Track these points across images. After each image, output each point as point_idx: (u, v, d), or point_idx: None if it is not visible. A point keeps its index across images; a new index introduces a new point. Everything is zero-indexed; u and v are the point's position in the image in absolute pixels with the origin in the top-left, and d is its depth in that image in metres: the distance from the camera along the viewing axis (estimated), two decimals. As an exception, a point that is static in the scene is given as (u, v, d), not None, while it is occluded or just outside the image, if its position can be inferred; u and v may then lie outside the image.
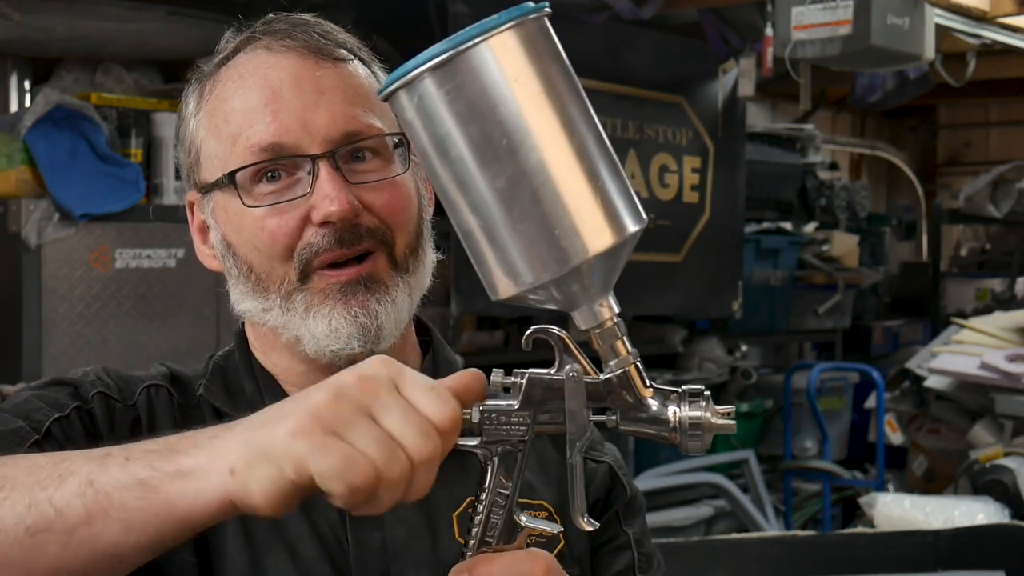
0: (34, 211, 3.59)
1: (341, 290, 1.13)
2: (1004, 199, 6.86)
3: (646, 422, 0.92)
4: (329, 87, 1.14)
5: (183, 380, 1.21)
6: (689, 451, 0.92)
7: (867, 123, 9.16)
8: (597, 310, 0.91)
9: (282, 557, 1.10)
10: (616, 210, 0.88)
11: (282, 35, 1.16)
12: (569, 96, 0.88)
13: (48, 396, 1.12)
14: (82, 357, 3.67)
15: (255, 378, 1.20)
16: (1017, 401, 4.82)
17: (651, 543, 1.27)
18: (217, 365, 1.23)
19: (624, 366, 0.92)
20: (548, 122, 0.86)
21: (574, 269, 0.87)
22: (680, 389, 0.92)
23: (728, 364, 5.95)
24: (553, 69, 0.88)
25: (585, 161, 0.87)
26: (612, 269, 0.90)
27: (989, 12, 4.83)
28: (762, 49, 4.66)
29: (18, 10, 3.73)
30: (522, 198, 0.86)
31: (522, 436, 0.92)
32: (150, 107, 3.86)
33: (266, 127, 1.12)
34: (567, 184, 0.86)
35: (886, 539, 3.25)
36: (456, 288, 4.37)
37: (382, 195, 1.14)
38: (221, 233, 1.18)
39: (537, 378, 0.92)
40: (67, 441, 1.08)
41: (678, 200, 5.28)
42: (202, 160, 1.18)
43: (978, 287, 7.61)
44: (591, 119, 0.89)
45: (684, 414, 0.91)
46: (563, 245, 0.86)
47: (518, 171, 0.86)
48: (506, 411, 0.92)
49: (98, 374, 1.17)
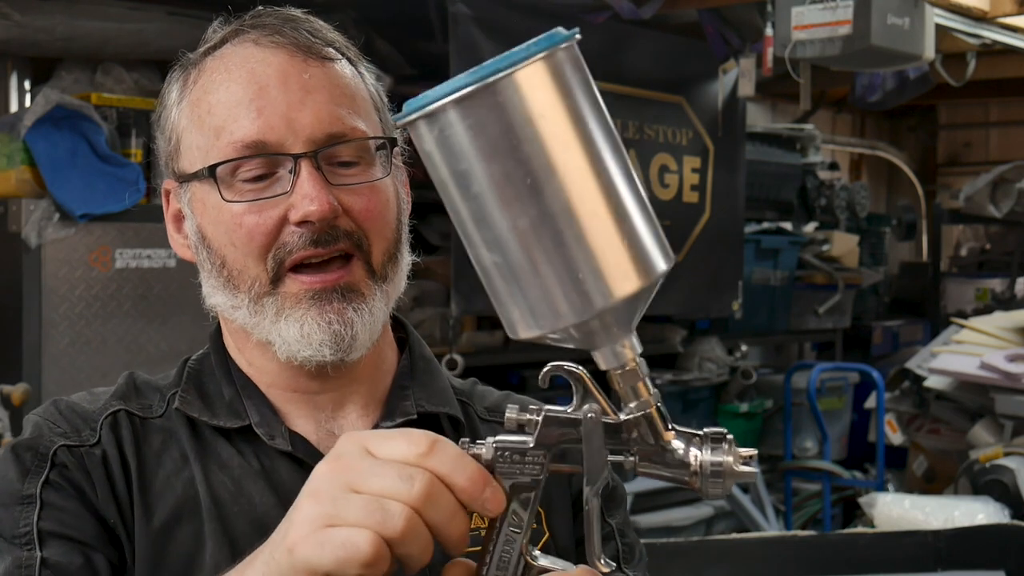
0: (34, 211, 3.59)
1: (315, 296, 1.11)
2: (1004, 199, 6.86)
3: (666, 466, 0.89)
4: (316, 86, 1.13)
5: (147, 391, 1.19)
6: (710, 497, 0.89)
7: (867, 123, 9.16)
8: (619, 351, 0.87)
9: None
10: (644, 251, 0.84)
11: (271, 30, 1.15)
12: (598, 131, 0.83)
13: (6, 496, 1.08)
14: (82, 357, 3.67)
15: (233, 383, 1.19)
16: (1017, 401, 4.82)
17: (633, 534, 1.27)
18: (192, 370, 1.21)
19: (645, 408, 0.88)
20: (575, 161, 0.82)
21: (596, 315, 0.83)
22: (702, 432, 0.89)
23: (728, 364, 5.95)
24: (582, 102, 0.83)
25: (613, 202, 0.83)
26: (637, 311, 0.87)
27: (989, 12, 4.84)
28: (762, 49, 4.65)
29: (18, 10, 3.73)
30: (545, 240, 0.82)
31: (536, 475, 0.89)
32: (150, 107, 3.86)
33: (251, 123, 1.11)
34: (593, 227, 0.82)
35: (886, 539, 3.24)
36: (456, 288, 4.37)
37: (361, 199, 1.13)
38: (197, 224, 1.17)
39: (553, 417, 0.89)
40: (62, 526, 1.06)
41: (678, 200, 5.28)
42: (182, 149, 1.17)
43: (978, 287, 7.60)
44: (620, 153, 0.85)
45: (706, 458, 0.88)
46: (587, 289, 0.82)
47: (542, 212, 0.81)
48: (520, 449, 0.89)
49: (51, 418, 1.13)
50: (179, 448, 1.14)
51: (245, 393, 1.18)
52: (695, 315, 5.79)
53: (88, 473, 1.10)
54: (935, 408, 5.38)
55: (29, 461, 1.10)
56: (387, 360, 1.23)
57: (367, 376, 1.20)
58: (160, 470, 1.13)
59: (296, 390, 1.17)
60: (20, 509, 1.07)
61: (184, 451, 1.14)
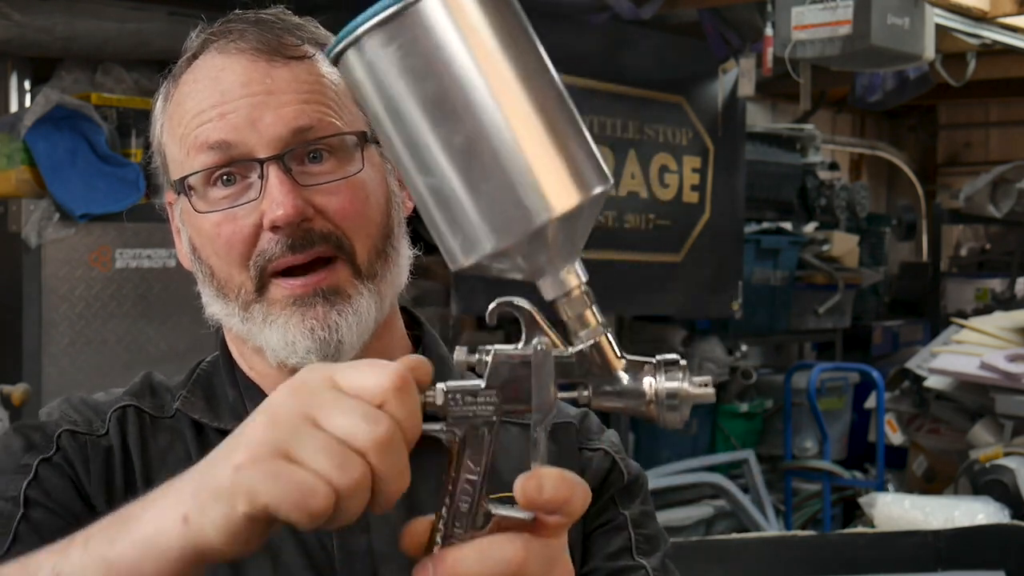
0: (34, 211, 3.59)
1: (296, 302, 1.10)
2: (1004, 199, 6.86)
3: (620, 396, 0.85)
4: (280, 87, 1.11)
5: (161, 392, 1.19)
6: (667, 424, 0.85)
7: (867, 123, 9.16)
8: (564, 277, 0.84)
9: (265, 566, 1.08)
10: (580, 169, 0.82)
11: (237, 35, 1.14)
12: (527, 48, 0.82)
13: (6, 464, 1.09)
14: (82, 357, 3.67)
15: (237, 385, 1.18)
16: (1017, 401, 4.83)
17: (656, 524, 1.24)
18: (203, 372, 1.21)
19: (594, 336, 0.85)
20: (507, 75, 0.80)
21: (538, 231, 0.81)
22: (655, 360, 0.85)
23: (728, 364, 5.96)
24: (510, 21, 0.82)
25: (546, 117, 0.81)
26: (578, 233, 0.84)
27: (989, 12, 4.84)
28: (762, 49, 4.65)
29: (18, 10, 3.73)
30: (480, 157, 0.80)
31: (490, 416, 0.84)
32: (150, 107, 3.84)
33: (213, 126, 1.10)
34: (528, 141, 0.80)
35: (886, 539, 3.24)
36: (456, 288, 4.37)
37: (336, 198, 1.11)
38: (188, 236, 1.17)
39: (504, 354, 0.85)
40: (48, 499, 1.07)
41: (678, 200, 5.27)
42: (168, 163, 1.17)
43: (978, 287, 7.61)
44: (549, 73, 0.83)
45: (661, 385, 0.84)
46: (526, 205, 0.80)
47: (476, 128, 0.80)
48: (472, 390, 0.85)
49: (63, 409, 1.15)
50: (184, 448, 1.15)
51: (248, 395, 1.17)
52: (695, 315, 5.80)
53: (87, 460, 1.11)
54: (935, 408, 5.39)
55: (36, 439, 1.12)
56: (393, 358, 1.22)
57: None
58: (164, 468, 1.12)
59: None
60: (14, 476, 1.08)
61: (189, 451, 1.14)
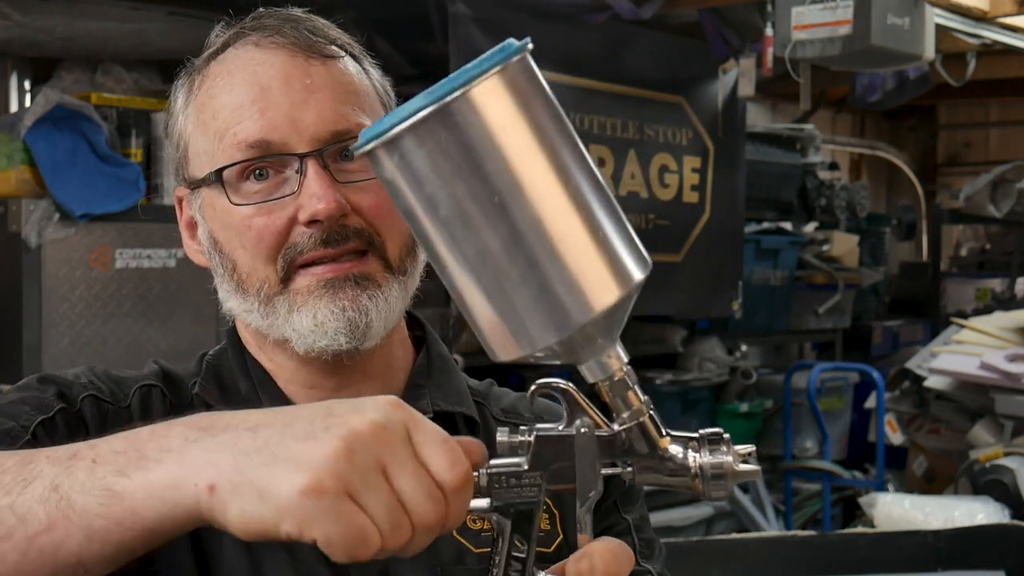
0: (34, 211, 3.59)
1: (327, 285, 1.11)
2: (1004, 199, 6.85)
3: (665, 473, 0.87)
4: (318, 85, 1.13)
5: (176, 379, 1.20)
6: (712, 499, 0.87)
7: (867, 123, 9.16)
8: (605, 362, 0.85)
9: (281, 560, 1.09)
10: (620, 261, 0.81)
11: (271, 31, 1.15)
12: (561, 141, 0.80)
13: (32, 397, 1.09)
14: (82, 357, 3.67)
15: (250, 376, 1.19)
16: (1017, 401, 4.82)
17: (651, 530, 1.26)
18: (210, 364, 1.21)
19: (638, 417, 0.86)
20: (541, 174, 0.79)
21: (577, 330, 0.80)
22: (698, 435, 0.87)
23: (728, 364, 5.95)
24: (542, 113, 0.80)
25: (584, 213, 0.80)
26: (618, 321, 0.84)
27: (989, 12, 4.84)
28: (762, 49, 4.65)
29: (18, 10, 3.73)
30: (518, 259, 0.79)
31: (534, 497, 0.86)
32: (150, 107, 3.87)
33: (254, 123, 1.11)
34: (566, 240, 0.79)
35: (886, 539, 3.24)
36: (456, 288, 4.36)
37: (370, 196, 1.12)
38: (208, 230, 1.17)
39: (546, 436, 0.86)
40: (52, 442, 1.04)
41: (678, 200, 5.27)
42: (190, 156, 1.17)
43: (978, 287, 7.60)
44: (585, 162, 0.82)
45: (705, 460, 0.86)
46: (566, 306, 0.79)
47: (512, 231, 0.78)
48: (516, 472, 0.86)
49: (89, 377, 1.14)
50: None
51: (262, 388, 1.18)
52: (695, 315, 5.79)
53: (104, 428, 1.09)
54: (935, 408, 5.38)
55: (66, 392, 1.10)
56: (399, 357, 1.23)
57: (380, 372, 1.19)
58: None
59: (313, 387, 1.17)
60: (33, 410, 1.07)
61: None
